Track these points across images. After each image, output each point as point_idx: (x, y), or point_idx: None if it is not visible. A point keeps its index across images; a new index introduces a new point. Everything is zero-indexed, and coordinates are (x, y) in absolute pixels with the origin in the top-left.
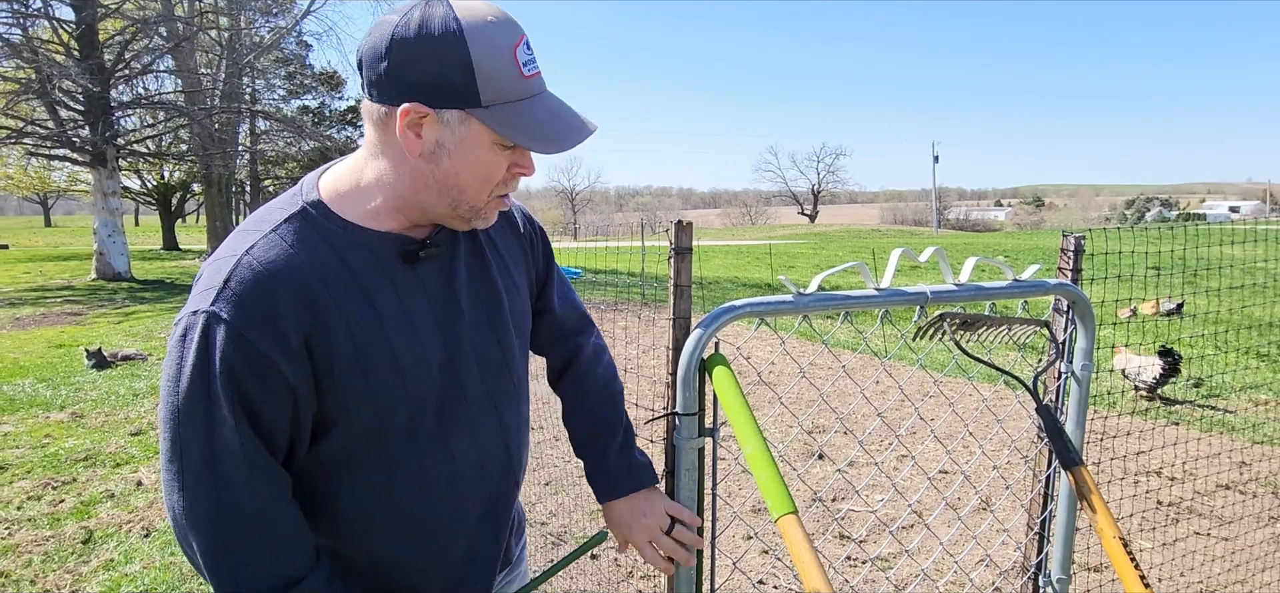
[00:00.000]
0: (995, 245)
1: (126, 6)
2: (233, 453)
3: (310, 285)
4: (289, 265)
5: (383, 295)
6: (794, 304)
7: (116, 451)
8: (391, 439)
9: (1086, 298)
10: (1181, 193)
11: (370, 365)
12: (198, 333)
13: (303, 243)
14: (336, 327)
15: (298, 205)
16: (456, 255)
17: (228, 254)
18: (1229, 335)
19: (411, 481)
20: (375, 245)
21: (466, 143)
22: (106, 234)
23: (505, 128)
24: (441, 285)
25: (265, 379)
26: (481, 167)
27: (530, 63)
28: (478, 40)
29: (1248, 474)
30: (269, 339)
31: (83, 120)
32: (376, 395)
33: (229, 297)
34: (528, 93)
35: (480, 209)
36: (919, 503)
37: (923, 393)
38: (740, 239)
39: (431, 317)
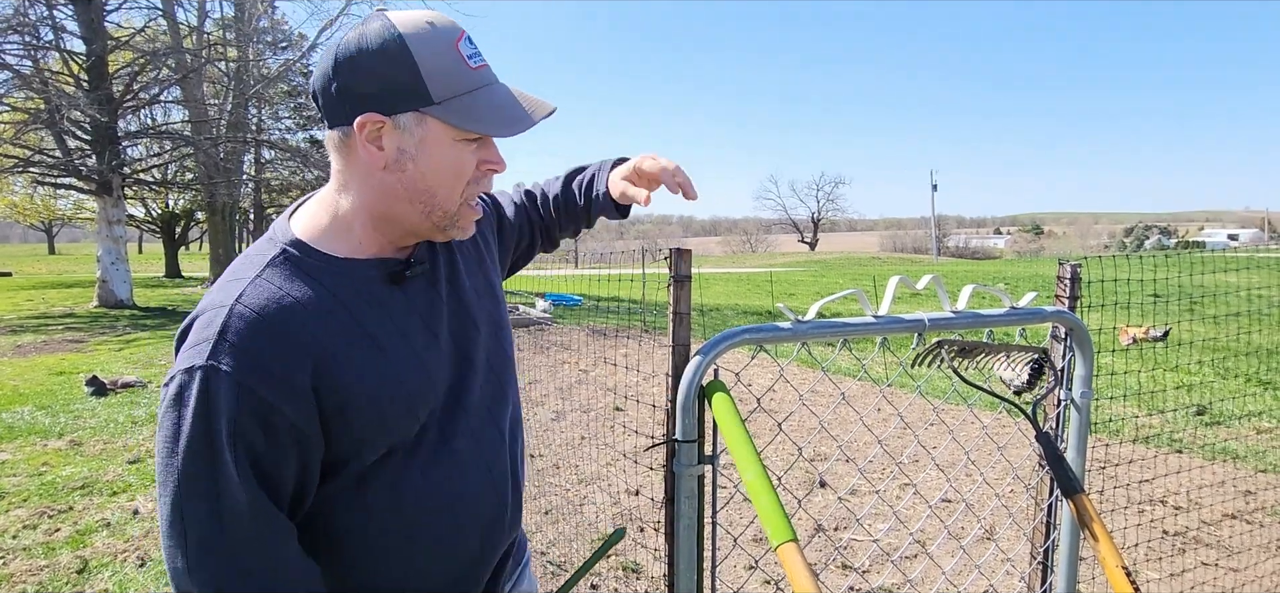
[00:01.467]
0: (994, 273)
1: (136, 39)
2: (240, 514)
3: (308, 328)
4: (283, 309)
5: (380, 325)
6: (792, 331)
7: (114, 479)
8: (396, 463)
9: (1083, 325)
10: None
11: (381, 399)
12: (195, 389)
13: (291, 284)
14: (342, 366)
15: (277, 249)
16: (437, 266)
17: (216, 305)
18: (1230, 362)
19: (419, 496)
20: (361, 274)
21: (427, 143)
22: (110, 262)
23: (461, 119)
24: (430, 300)
25: (273, 431)
26: (447, 165)
27: (475, 56)
28: (418, 41)
29: (1253, 503)
30: (275, 389)
31: (90, 149)
32: (389, 426)
33: (227, 348)
34: (478, 84)
35: (453, 214)
36: (921, 533)
37: (923, 421)
38: (741, 267)
39: (428, 334)
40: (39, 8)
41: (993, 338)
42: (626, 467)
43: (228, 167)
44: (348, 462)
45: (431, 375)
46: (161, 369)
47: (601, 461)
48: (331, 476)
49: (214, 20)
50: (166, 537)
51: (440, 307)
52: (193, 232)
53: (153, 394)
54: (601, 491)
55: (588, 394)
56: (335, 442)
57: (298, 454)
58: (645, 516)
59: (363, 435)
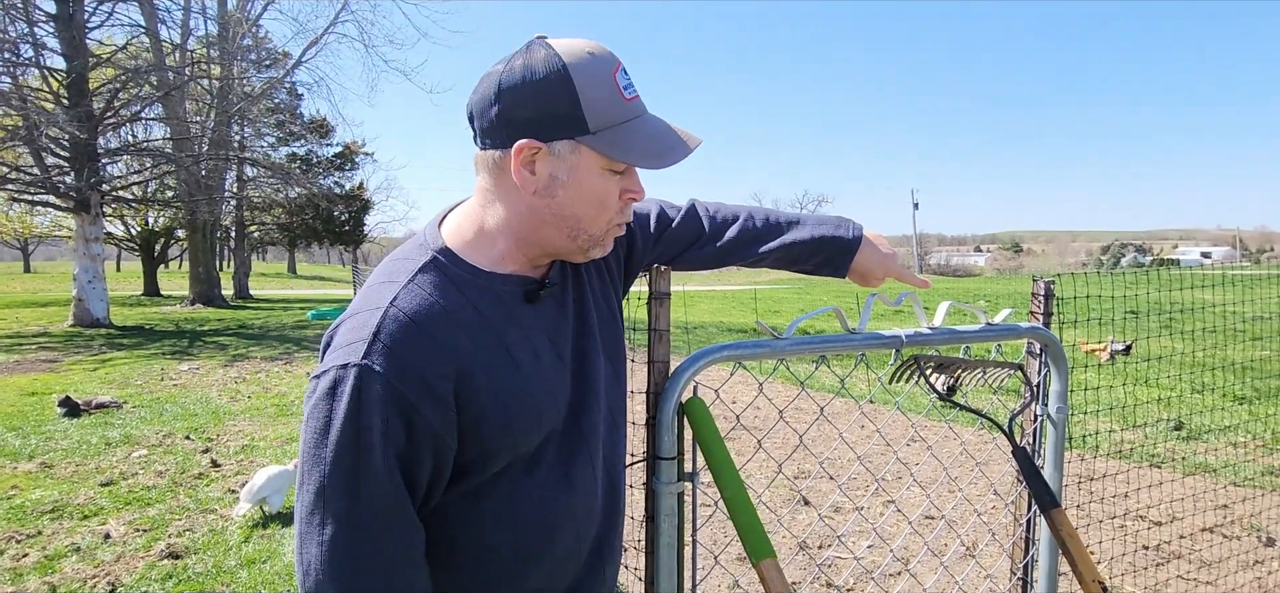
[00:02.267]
0: (975, 290)
1: (118, 56)
2: (377, 508)
3: (455, 337)
4: (433, 316)
5: (515, 340)
6: (771, 348)
7: (85, 502)
8: (517, 474)
9: (1058, 341)
10: (1155, 239)
11: (512, 413)
12: (350, 386)
13: (441, 292)
14: (480, 377)
15: (428, 255)
16: (567, 292)
17: (371, 306)
18: (1206, 378)
19: (532, 510)
20: (500, 290)
21: (578, 171)
22: (86, 280)
23: (612, 149)
24: (559, 320)
25: (414, 434)
26: (595, 193)
27: (629, 87)
28: (580, 72)
29: (1229, 516)
30: (421, 391)
31: (68, 166)
32: (517, 441)
33: (381, 349)
34: (631, 115)
35: (599, 238)
36: (903, 550)
37: (904, 437)
38: (726, 284)
39: (555, 353)
40: (19, 25)
41: (970, 354)
42: None
43: (209, 184)
44: (470, 472)
45: (556, 395)
46: (138, 389)
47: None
48: (453, 483)
49: (198, 38)
50: (303, 524)
51: (567, 327)
52: (172, 249)
53: (127, 415)
54: None
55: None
56: (465, 450)
57: (432, 459)
58: (627, 535)
59: (490, 448)
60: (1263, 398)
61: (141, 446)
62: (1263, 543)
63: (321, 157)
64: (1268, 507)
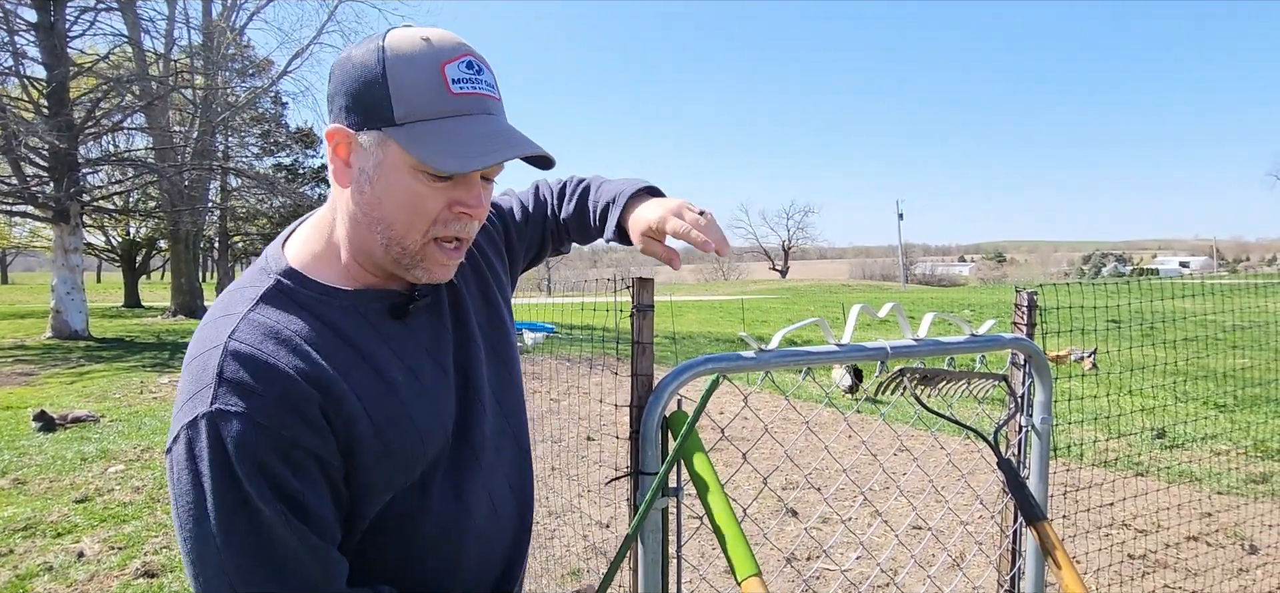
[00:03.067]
0: (959, 300)
1: (100, 65)
2: (291, 557)
3: (309, 359)
4: (282, 343)
5: (385, 360)
6: (755, 360)
7: (58, 519)
8: (408, 502)
9: (1042, 352)
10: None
11: (391, 440)
12: (206, 439)
13: (287, 320)
14: (348, 399)
15: (270, 280)
16: (441, 301)
17: (208, 347)
18: (1187, 386)
19: (426, 536)
20: (361, 307)
21: (385, 167)
22: (65, 291)
23: (414, 145)
24: (436, 334)
25: (299, 466)
26: (404, 196)
27: (466, 81)
28: (400, 56)
29: (1213, 525)
30: (288, 420)
31: (47, 176)
32: (398, 470)
33: (229, 388)
34: (453, 111)
35: (414, 253)
36: (891, 562)
37: (890, 448)
38: (713, 295)
39: (437, 368)
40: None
41: (955, 365)
42: (597, 499)
43: (192, 194)
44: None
45: (441, 413)
46: (116, 403)
47: (571, 493)
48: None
49: (181, 47)
50: None
51: (447, 339)
52: (154, 260)
53: (104, 429)
54: (570, 525)
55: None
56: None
57: (329, 486)
58: (613, 549)
59: (369, 480)
60: (1243, 406)
61: (119, 461)
62: (1246, 552)
63: (307, 167)
64: (1250, 516)
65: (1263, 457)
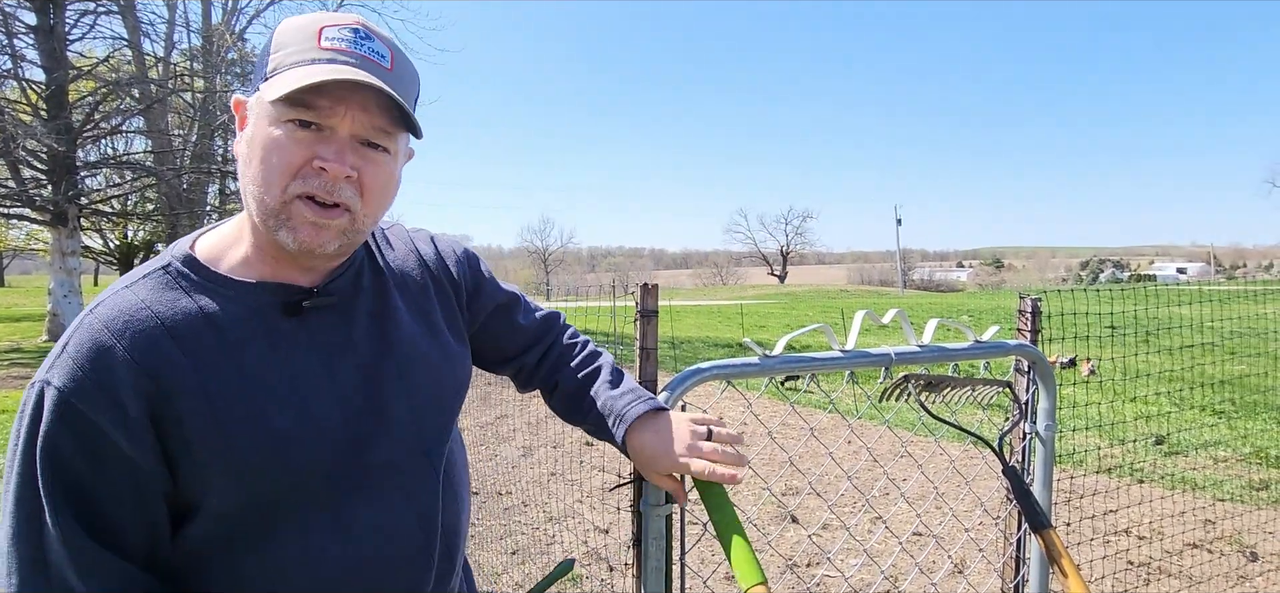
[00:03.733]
0: (958, 306)
1: (99, 68)
2: (58, 549)
3: (158, 346)
4: (133, 324)
5: (255, 353)
6: (759, 366)
7: None
8: (270, 517)
9: (1045, 358)
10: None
11: (232, 434)
12: (31, 405)
13: (158, 300)
14: (191, 391)
15: (164, 261)
16: (356, 305)
17: (77, 316)
18: (1186, 393)
19: (297, 563)
20: (251, 299)
21: (257, 121)
22: (62, 295)
23: (270, 89)
24: (340, 337)
25: (100, 459)
26: (263, 147)
27: (340, 39)
28: (286, 26)
29: (1214, 532)
30: (101, 407)
31: (45, 179)
32: (242, 468)
33: (63, 363)
34: (313, 58)
35: (276, 210)
36: (893, 568)
37: (892, 453)
38: (712, 299)
39: (327, 375)
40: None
41: (958, 371)
42: (596, 504)
43: (191, 198)
44: (199, 507)
45: (318, 424)
46: None
47: (571, 498)
48: (185, 524)
49: (181, 51)
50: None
51: (350, 348)
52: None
53: None
54: (570, 530)
55: (558, 429)
56: (181, 485)
57: (132, 489)
58: (614, 556)
59: (208, 474)
60: (1241, 413)
61: None
62: (1248, 559)
63: None
64: (1251, 523)
65: (1263, 464)
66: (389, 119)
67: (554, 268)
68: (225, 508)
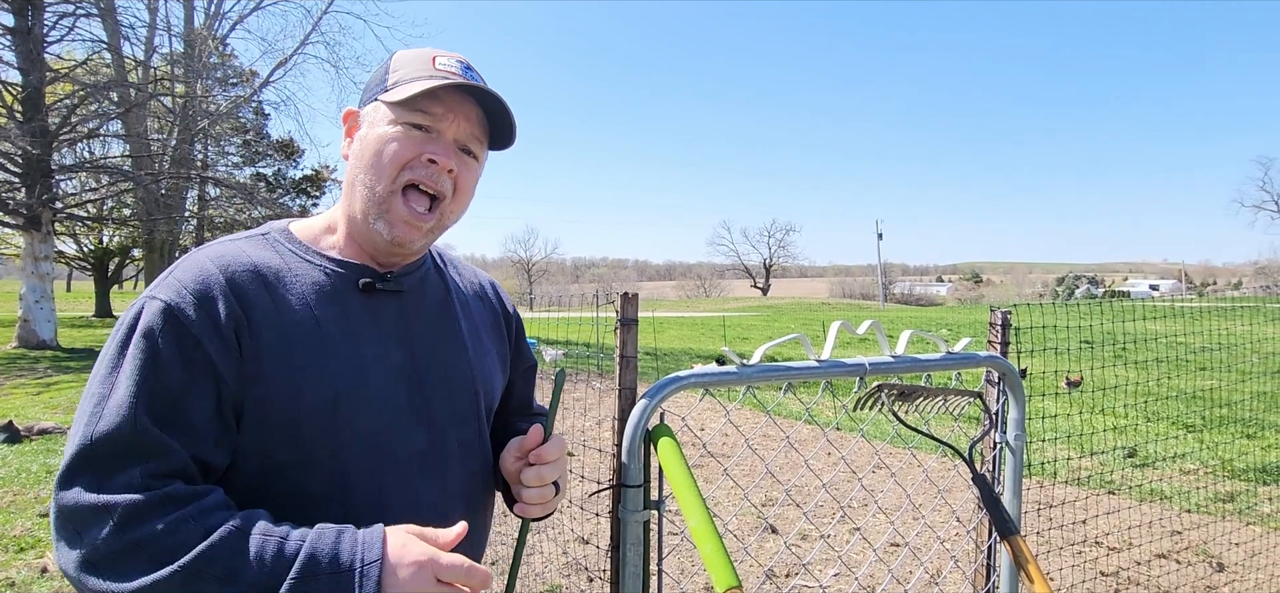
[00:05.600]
0: (938, 319)
1: (77, 71)
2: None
3: (252, 284)
4: (235, 263)
5: (331, 321)
6: (737, 375)
7: (21, 534)
8: (317, 476)
9: (1015, 370)
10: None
11: (300, 376)
12: (133, 311)
13: (258, 253)
14: (273, 327)
15: (264, 231)
16: (421, 302)
17: (186, 255)
18: (1156, 406)
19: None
20: (333, 271)
21: (373, 124)
22: (33, 300)
23: (391, 96)
24: (399, 326)
25: (190, 363)
26: (379, 140)
27: (449, 65)
28: (402, 55)
29: (1181, 543)
30: (199, 318)
31: (19, 183)
32: (304, 413)
33: (172, 283)
34: (429, 75)
35: (382, 199)
36: (868, 577)
37: (868, 464)
38: (695, 311)
39: (381, 353)
40: None
41: (931, 382)
42: (576, 514)
43: (169, 203)
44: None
45: (370, 394)
46: None
47: None
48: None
49: (162, 55)
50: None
51: (407, 338)
52: (128, 269)
53: None
54: (549, 539)
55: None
56: (247, 407)
57: (213, 392)
58: (593, 565)
59: (271, 411)
60: (1210, 427)
61: None
62: (1214, 569)
63: (289, 178)
64: (1218, 534)
65: (1229, 476)
66: (484, 130)
67: (538, 278)
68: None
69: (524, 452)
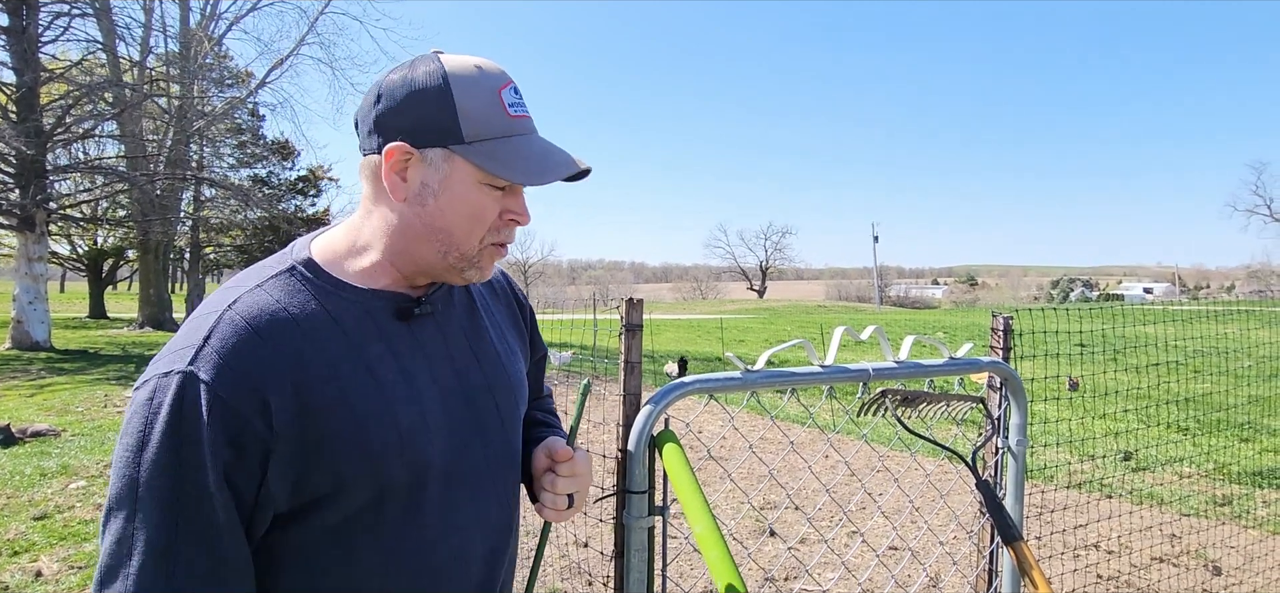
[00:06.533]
0: (934, 322)
1: (72, 71)
2: (201, 532)
3: (300, 346)
4: (276, 323)
5: (379, 356)
6: (742, 381)
7: (15, 537)
8: (390, 514)
9: (1017, 375)
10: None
11: (369, 432)
12: (171, 395)
13: (292, 300)
14: (330, 391)
15: (287, 264)
16: (452, 317)
17: (209, 310)
18: (1152, 410)
19: (413, 561)
20: (369, 304)
21: (451, 181)
22: (27, 301)
23: (486, 161)
24: (439, 346)
25: (243, 448)
26: (468, 207)
27: (517, 105)
28: (460, 82)
29: (1179, 547)
30: (251, 402)
31: (13, 183)
32: (376, 464)
33: (210, 354)
34: (513, 131)
35: (473, 257)
36: (869, 581)
37: (869, 468)
38: (692, 313)
39: (431, 378)
40: None
41: (934, 387)
42: (576, 518)
43: (164, 204)
44: (325, 504)
45: (428, 424)
46: (78, 416)
47: None
48: (306, 517)
49: (157, 55)
50: (109, 556)
51: (450, 354)
52: (122, 270)
53: (66, 444)
54: (550, 543)
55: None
56: (313, 474)
57: (261, 474)
58: (594, 569)
59: (345, 472)
60: (1205, 430)
61: (80, 476)
62: (1211, 573)
63: (284, 179)
64: (1215, 538)
65: (1225, 480)
66: None
67: (534, 280)
68: (351, 503)
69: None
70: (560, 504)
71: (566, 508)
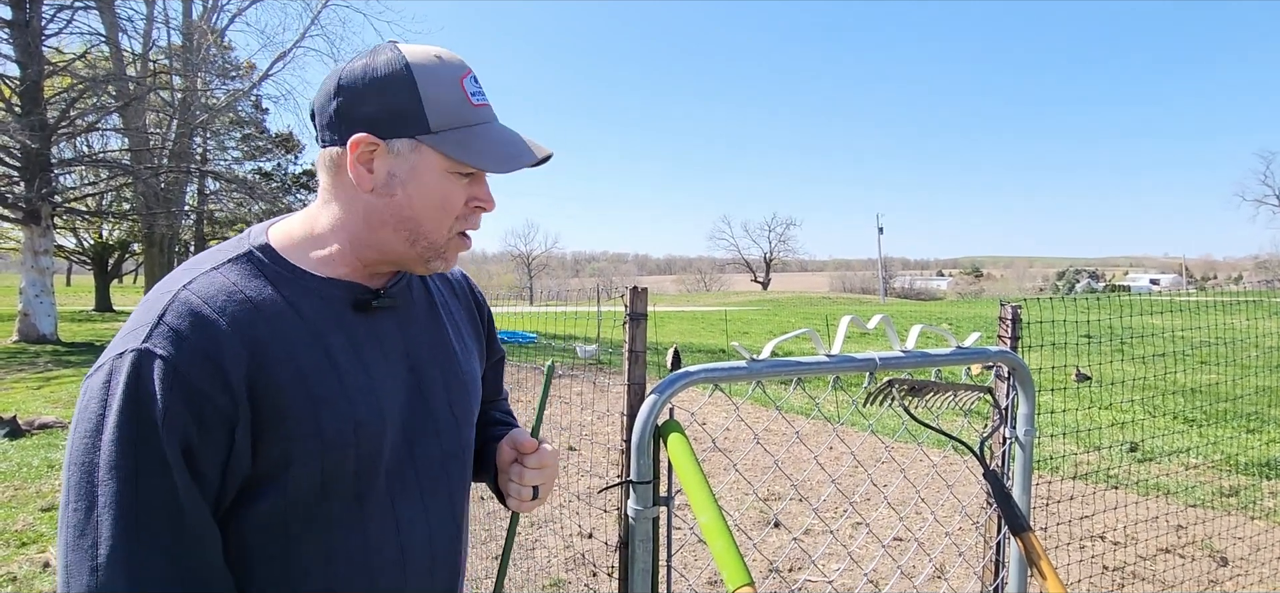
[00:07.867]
0: (939, 314)
1: (76, 64)
2: (164, 509)
3: (256, 324)
4: (233, 302)
5: (336, 343)
6: (747, 370)
7: (23, 528)
8: (335, 505)
9: (1025, 365)
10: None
11: (323, 417)
12: (125, 374)
13: (248, 284)
14: (287, 370)
15: (243, 248)
16: (411, 312)
17: (163, 291)
18: (1158, 401)
19: (355, 555)
20: (326, 292)
21: (419, 171)
22: (33, 294)
23: (455, 150)
24: (397, 341)
25: (203, 419)
26: (436, 196)
27: (478, 94)
28: (424, 72)
29: (1185, 538)
30: (209, 377)
31: (18, 177)
32: (327, 448)
33: (164, 332)
34: (477, 120)
35: (440, 247)
36: (875, 572)
37: (875, 458)
38: (696, 305)
39: (387, 371)
40: None
41: (941, 377)
42: (579, 509)
43: (169, 197)
44: (267, 485)
45: (384, 413)
46: None
47: (553, 502)
48: (252, 500)
49: (160, 48)
50: (70, 551)
51: (405, 350)
52: (128, 263)
53: None
54: (553, 534)
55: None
56: (266, 447)
57: (227, 447)
58: (598, 560)
59: (294, 450)
60: (1211, 421)
61: None
62: (1217, 564)
63: (289, 173)
64: (1221, 529)
65: (1232, 471)
66: None
67: (537, 272)
68: (297, 488)
69: (519, 451)
70: (526, 495)
71: (532, 500)
